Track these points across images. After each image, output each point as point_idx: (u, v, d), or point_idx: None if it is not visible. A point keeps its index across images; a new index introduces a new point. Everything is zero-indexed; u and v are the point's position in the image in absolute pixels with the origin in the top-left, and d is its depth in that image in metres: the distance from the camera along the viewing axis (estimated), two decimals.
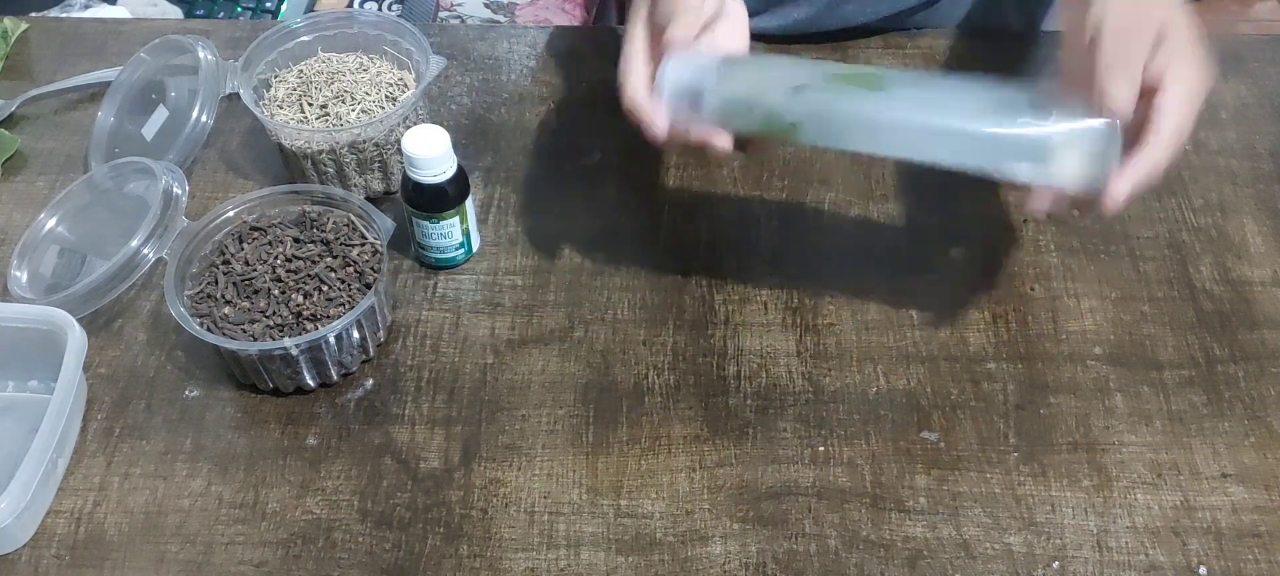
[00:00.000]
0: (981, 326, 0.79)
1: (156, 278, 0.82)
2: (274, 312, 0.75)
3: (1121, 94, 0.62)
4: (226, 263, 0.78)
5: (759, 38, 0.99)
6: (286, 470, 0.73)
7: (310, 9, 1.52)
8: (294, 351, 0.72)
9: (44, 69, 1.03)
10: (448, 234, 0.81)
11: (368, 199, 0.84)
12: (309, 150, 0.85)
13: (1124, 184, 0.62)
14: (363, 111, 0.86)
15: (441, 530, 0.70)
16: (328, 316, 0.75)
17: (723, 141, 0.69)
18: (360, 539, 0.69)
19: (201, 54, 0.91)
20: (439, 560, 0.68)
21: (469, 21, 1.63)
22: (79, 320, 0.74)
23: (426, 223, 0.80)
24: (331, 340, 0.73)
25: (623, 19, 1.25)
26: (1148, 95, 0.63)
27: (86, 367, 0.77)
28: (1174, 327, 0.79)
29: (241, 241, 0.79)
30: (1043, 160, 0.65)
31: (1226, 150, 0.91)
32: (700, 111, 0.69)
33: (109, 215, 0.84)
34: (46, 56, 1.04)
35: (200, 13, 1.43)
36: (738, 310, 0.81)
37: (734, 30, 0.73)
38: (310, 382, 0.75)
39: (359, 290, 0.76)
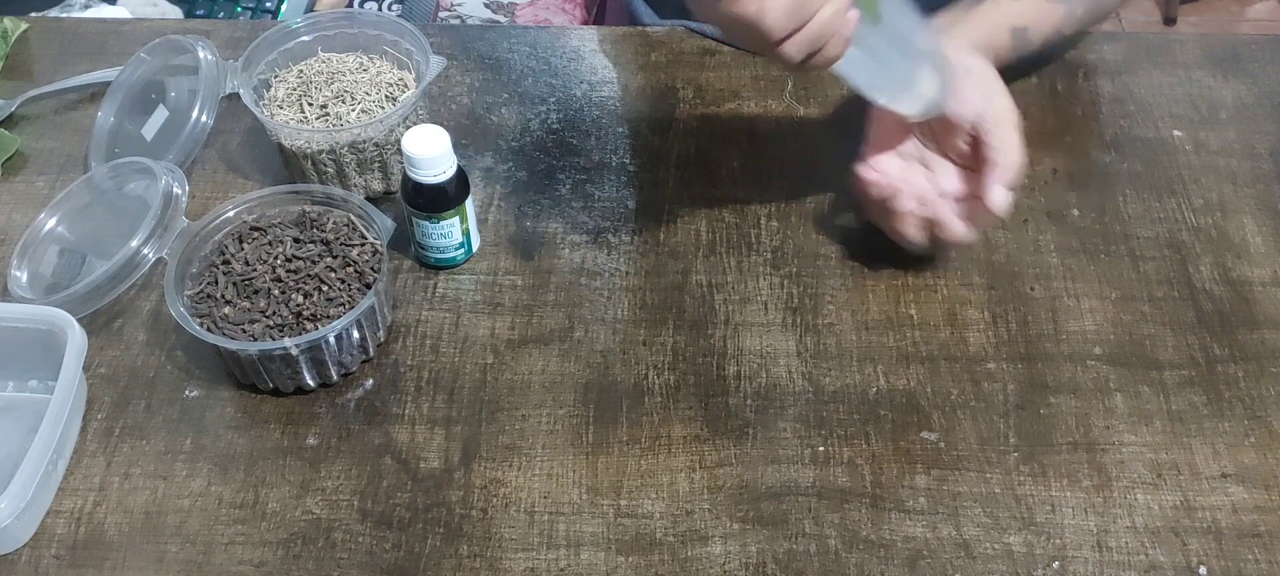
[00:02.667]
0: (981, 326, 0.79)
1: (156, 278, 0.82)
2: (274, 312, 0.75)
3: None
4: (226, 263, 0.78)
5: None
6: (286, 470, 0.73)
7: (310, 9, 1.52)
8: (294, 351, 0.72)
9: (44, 69, 1.03)
10: (448, 234, 0.81)
11: (368, 199, 0.84)
12: (309, 150, 0.85)
13: (999, 193, 0.76)
14: (363, 111, 0.86)
15: (441, 530, 0.70)
16: (328, 316, 0.75)
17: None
18: (360, 539, 0.69)
19: (201, 54, 0.91)
20: (439, 560, 0.68)
21: (469, 21, 1.62)
22: (79, 320, 0.74)
23: (426, 223, 0.80)
24: (331, 340, 0.73)
25: (619, 20, 1.25)
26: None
27: (86, 367, 0.77)
28: (1174, 328, 0.79)
29: (241, 241, 0.79)
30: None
31: (1226, 150, 0.91)
32: None
33: (109, 215, 0.84)
34: (46, 56, 1.04)
35: (200, 13, 1.43)
36: (738, 310, 0.81)
37: None
38: (310, 382, 0.75)
39: (359, 290, 0.76)
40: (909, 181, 0.79)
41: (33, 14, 1.11)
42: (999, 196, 0.75)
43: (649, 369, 0.77)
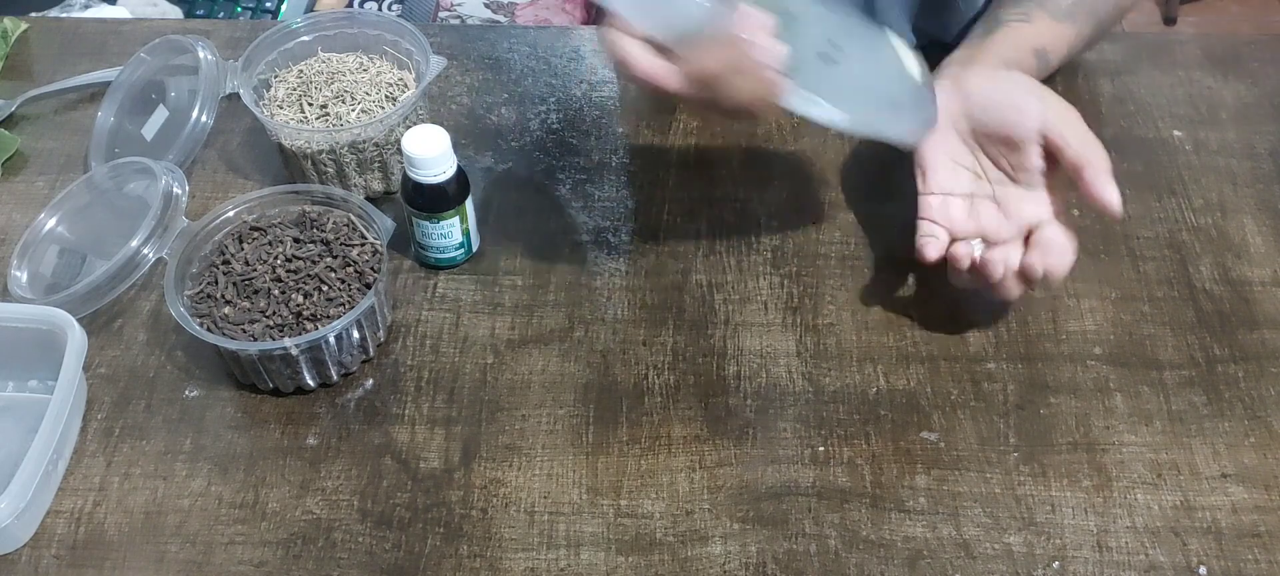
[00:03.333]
0: (981, 326, 0.79)
1: (156, 278, 0.82)
2: (274, 312, 0.75)
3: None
4: (226, 263, 0.78)
5: None
6: (286, 470, 0.73)
7: (310, 9, 1.52)
8: (294, 351, 0.72)
9: (44, 69, 1.03)
10: (448, 234, 0.81)
11: (368, 199, 0.84)
12: (309, 150, 0.85)
13: (1110, 189, 0.70)
14: (363, 111, 0.86)
15: (441, 530, 0.70)
16: (328, 316, 0.75)
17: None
18: (360, 539, 0.69)
19: (201, 54, 0.91)
20: (439, 560, 0.68)
21: (469, 21, 1.63)
22: (79, 320, 0.74)
23: (426, 223, 0.80)
24: (331, 340, 0.74)
25: None
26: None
27: (86, 367, 0.77)
28: (1174, 328, 0.79)
29: (241, 241, 0.79)
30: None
31: (1226, 150, 0.91)
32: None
33: (109, 215, 0.84)
34: (46, 56, 1.04)
35: (200, 13, 1.43)
36: (738, 310, 0.81)
37: None
38: (310, 382, 0.75)
39: (359, 290, 0.76)
40: (983, 225, 0.74)
41: (33, 14, 1.12)
42: (1111, 193, 0.70)
43: (649, 369, 0.77)
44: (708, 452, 0.73)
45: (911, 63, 0.75)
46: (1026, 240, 0.73)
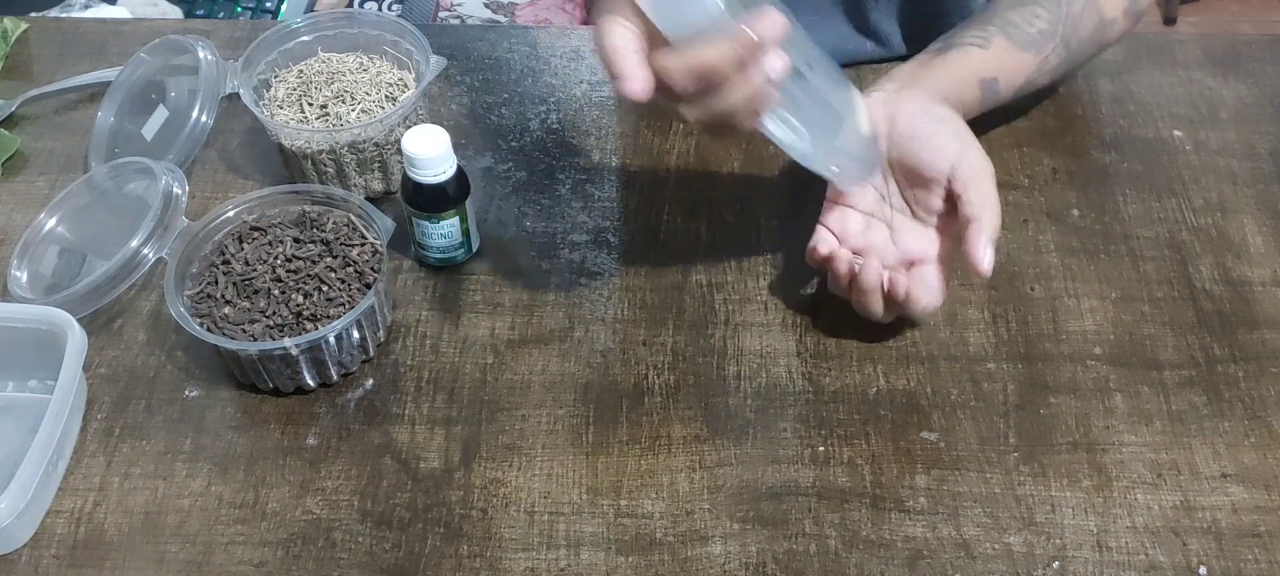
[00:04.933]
0: (981, 326, 0.79)
1: (156, 278, 0.82)
2: (274, 312, 0.75)
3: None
4: (226, 263, 0.78)
5: None
6: (286, 470, 0.73)
7: (310, 9, 1.52)
8: (294, 351, 0.72)
9: (44, 69, 1.03)
10: (448, 234, 0.81)
11: (368, 199, 0.84)
12: (309, 150, 0.85)
13: (985, 252, 0.70)
14: (363, 111, 0.86)
15: (441, 530, 0.70)
16: (328, 316, 0.75)
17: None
18: (360, 539, 0.69)
19: (201, 54, 0.91)
20: (439, 560, 0.68)
21: (469, 21, 1.63)
22: (79, 320, 0.74)
23: (426, 223, 0.80)
24: (331, 340, 0.74)
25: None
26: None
27: (86, 367, 0.77)
28: (1174, 328, 0.79)
29: (241, 241, 0.79)
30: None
31: (1226, 150, 0.91)
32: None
33: (109, 215, 0.84)
34: (46, 56, 1.04)
35: (200, 13, 1.43)
36: (738, 310, 0.81)
37: None
38: (310, 382, 0.75)
39: (359, 290, 0.76)
40: (872, 243, 0.75)
41: (33, 14, 1.12)
42: (986, 256, 0.70)
43: (649, 369, 0.77)
44: (708, 452, 0.73)
45: (864, 116, 0.73)
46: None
